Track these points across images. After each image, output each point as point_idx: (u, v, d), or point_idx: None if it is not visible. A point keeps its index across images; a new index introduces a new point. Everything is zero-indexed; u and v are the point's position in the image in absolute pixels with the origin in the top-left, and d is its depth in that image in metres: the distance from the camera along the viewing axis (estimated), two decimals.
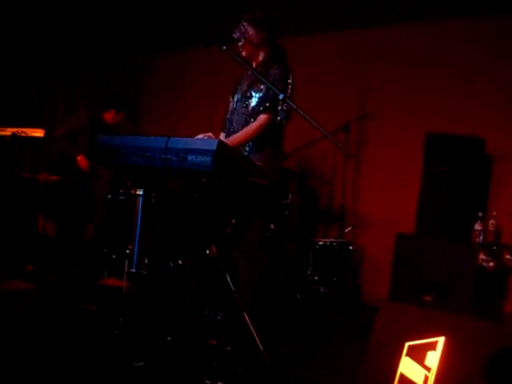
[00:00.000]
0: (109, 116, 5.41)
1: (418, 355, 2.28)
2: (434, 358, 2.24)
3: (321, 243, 5.02)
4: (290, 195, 5.12)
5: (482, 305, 4.20)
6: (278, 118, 3.15)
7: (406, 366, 2.30)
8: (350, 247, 5.11)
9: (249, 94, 3.22)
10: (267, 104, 3.12)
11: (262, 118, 3.14)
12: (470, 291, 4.22)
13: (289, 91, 3.15)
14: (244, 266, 3.23)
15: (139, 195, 4.17)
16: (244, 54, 3.23)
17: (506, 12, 4.78)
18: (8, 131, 4.79)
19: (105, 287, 4.31)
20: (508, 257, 4.30)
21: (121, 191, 4.32)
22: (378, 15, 5.40)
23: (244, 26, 3.22)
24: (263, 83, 3.10)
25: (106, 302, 4.04)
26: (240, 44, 3.22)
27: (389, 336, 2.42)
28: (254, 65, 3.27)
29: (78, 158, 5.16)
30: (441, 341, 2.24)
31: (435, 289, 4.32)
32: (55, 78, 6.75)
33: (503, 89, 4.81)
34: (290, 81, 3.18)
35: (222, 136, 3.37)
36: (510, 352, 2.13)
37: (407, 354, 2.31)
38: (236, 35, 3.22)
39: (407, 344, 2.32)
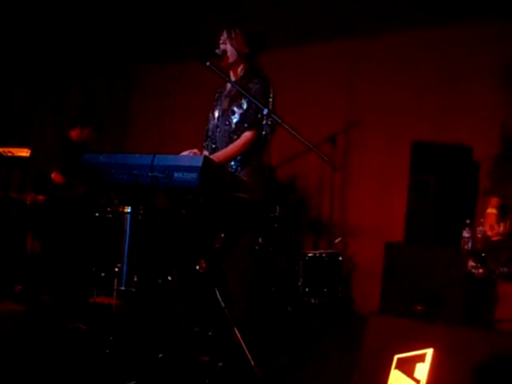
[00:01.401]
0: (75, 133, 5.51)
1: (407, 368, 2.28)
2: (422, 370, 2.24)
3: (310, 255, 5.03)
4: (278, 208, 5.12)
5: (472, 311, 4.22)
6: (263, 133, 3.16)
7: (396, 379, 2.29)
8: (340, 258, 5.12)
9: (230, 111, 3.19)
10: (251, 120, 3.12)
11: (247, 134, 3.12)
12: (459, 298, 4.23)
13: (270, 105, 3.13)
14: (233, 281, 3.23)
15: (127, 213, 4.17)
16: (230, 60, 3.22)
17: (493, 21, 4.82)
18: None
19: (94, 305, 4.29)
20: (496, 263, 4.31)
21: (108, 209, 4.31)
22: (363, 26, 5.44)
23: (236, 32, 3.22)
24: (244, 98, 3.10)
25: (96, 321, 4.02)
26: (225, 47, 3.21)
27: (378, 349, 2.41)
28: (233, 78, 3.26)
29: (52, 174, 5.21)
30: (429, 352, 2.24)
31: (426, 297, 4.33)
32: (43, 93, 6.75)
33: (490, 96, 4.85)
34: (271, 95, 3.16)
35: (205, 153, 3.35)
36: (500, 360, 2.13)
37: (396, 367, 2.31)
38: (222, 41, 3.22)
39: (396, 357, 2.32)
